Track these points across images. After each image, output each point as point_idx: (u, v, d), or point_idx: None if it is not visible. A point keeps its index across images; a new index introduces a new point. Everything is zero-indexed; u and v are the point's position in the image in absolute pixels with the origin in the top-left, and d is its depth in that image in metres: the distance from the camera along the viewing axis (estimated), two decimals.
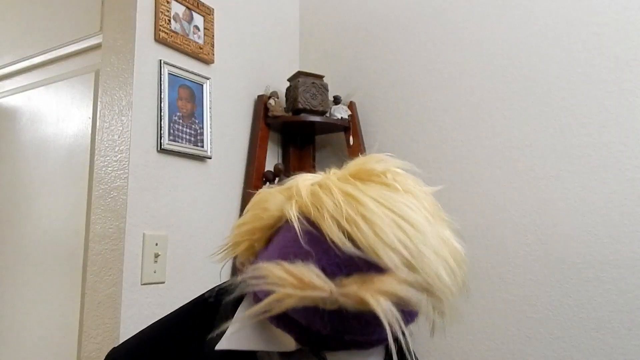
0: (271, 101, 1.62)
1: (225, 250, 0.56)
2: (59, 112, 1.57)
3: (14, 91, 1.76)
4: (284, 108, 1.66)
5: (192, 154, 1.35)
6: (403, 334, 0.43)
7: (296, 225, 0.46)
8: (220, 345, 0.51)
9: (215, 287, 0.62)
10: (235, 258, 0.57)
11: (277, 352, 0.51)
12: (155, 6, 1.29)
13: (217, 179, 1.44)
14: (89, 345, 1.19)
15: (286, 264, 0.44)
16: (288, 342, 0.49)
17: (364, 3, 1.80)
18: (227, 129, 1.51)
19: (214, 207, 1.42)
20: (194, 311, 0.59)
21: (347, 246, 0.43)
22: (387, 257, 0.43)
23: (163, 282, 1.24)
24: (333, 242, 0.44)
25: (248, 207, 0.55)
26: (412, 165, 0.53)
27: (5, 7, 1.83)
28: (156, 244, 1.23)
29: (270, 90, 1.66)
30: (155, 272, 1.22)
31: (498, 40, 1.50)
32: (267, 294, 0.44)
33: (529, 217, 1.39)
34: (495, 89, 1.49)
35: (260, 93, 1.66)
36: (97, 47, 1.44)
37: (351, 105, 1.71)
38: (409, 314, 0.47)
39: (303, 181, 0.51)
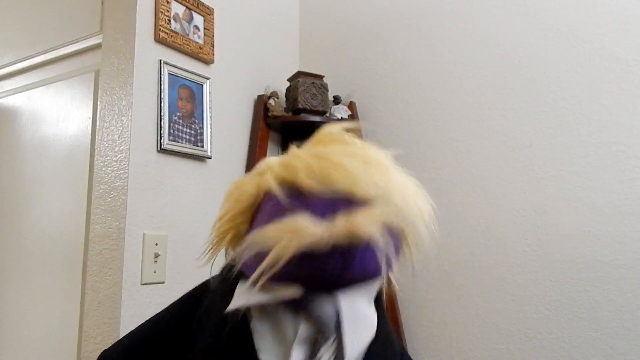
0: (271, 101, 1.62)
1: (212, 247, 0.58)
2: (59, 112, 1.57)
3: (14, 91, 1.76)
4: (284, 108, 1.66)
5: (192, 154, 1.35)
6: (389, 261, 0.49)
7: (275, 189, 0.50)
8: (232, 306, 0.52)
9: (200, 284, 0.63)
10: (225, 255, 0.59)
11: (280, 308, 0.53)
12: (155, 6, 1.29)
13: (217, 179, 1.44)
14: (89, 345, 1.19)
15: (276, 223, 0.48)
16: (293, 291, 0.51)
17: (363, 3, 1.80)
18: (227, 129, 1.51)
19: (214, 207, 1.42)
20: (182, 308, 0.61)
21: (326, 190, 0.48)
22: (364, 191, 0.48)
23: (163, 282, 1.24)
24: (312, 191, 0.48)
25: (225, 197, 0.57)
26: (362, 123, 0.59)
27: (6, 7, 1.83)
28: (156, 244, 1.23)
29: (270, 90, 1.66)
30: (155, 272, 1.22)
31: (498, 40, 1.50)
32: (260, 260, 0.47)
33: (529, 217, 1.39)
34: (496, 89, 1.49)
35: (260, 93, 1.66)
36: (97, 47, 1.44)
37: (351, 105, 1.71)
38: (391, 247, 0.51)
39: (270, 159, 0.55)
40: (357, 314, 0.53)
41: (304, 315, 0.52)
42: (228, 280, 0.57)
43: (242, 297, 0.53)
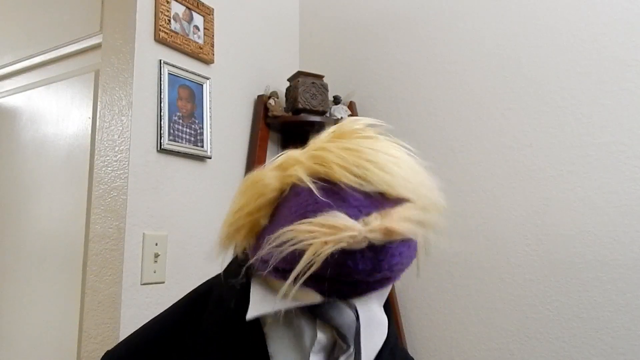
0: (271, 101, 1.62)
1: (226, 240, 0.56)
2: (59, 112, 1.57)
3: (14, 91, 1.76)
4: (284, 108, 1.66)
5: (192, 154, 1.35)
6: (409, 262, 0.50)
7: (310, 184, 0.49)
8: (251, 314, 0.51)
9: (206, 282, 0.62)
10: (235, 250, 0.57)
11: (299, 312, 0.52)
12: (155, 6, 1.29)
13: (217, 179, 1.44)
14: (89, 345, 1.19)
15: (310, 219, 0.46)
16: (313, 297, 0.50)
17: (363, 3, 1.80)
18: (227, 129, 1.51)
19: (214, 207, 1.42)
20: (188, 308, 0.60)
21: (365, 186, 0.48)
22: (398, 190, 0.48)
23: (163, 282, 1.24)
24: (350, 187, 0.48)
25: (241, 191, 0.55)
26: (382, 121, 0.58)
27: (6, 7, 1.83)
28: (156, 244, 1.23)
29: (270, 90, 1.66)
30: (155, 272, 1.22)
31: (498, 40, 1.50)
32: (292, 258, 0.46)
33: (529, 217, 1.39)
34: (496, 89, 1.49)
35: (260, 93, 1.66)
36: (97, 47, 1.43)
37: (351, 105, 1.71)
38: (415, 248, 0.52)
39: (294, 153, 0.54)
40: (372, 320, 0.53)
41: (322, 322, 0.51)
42: (237, 277, 0.56)
43: (262, 302, 0.51)
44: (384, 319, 0.56)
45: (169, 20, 1.32)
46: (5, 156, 1.73)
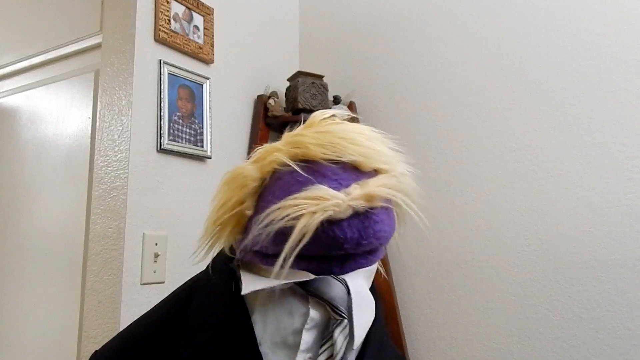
0: (271, 101, 1.62)
1: (212, 237, 0.57)
2: (59, 112, 1.57)
3: (14, 91, 1.76)
4: (284, 108, 1.66)
5: (192, 154, 1.35)
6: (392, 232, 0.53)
7: (290, 163, 0.51)
8: (247, 289, 0.52)
9: (190, 279, 0.63)
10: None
11: (288, 290, 0.52)
12: (155, 6, 1.29)
13: (217, 179, 1.43)
14: (89, 345, 1.19)
15: (295, 195, 0.49)
16: (304, 275, 0.51)
17: (363, 3, 1.80)
18: (227, 128, 1.51)
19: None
20: (174, 305, 0.60)
21: (342, 159, 0.51)
22: (374, 160, 0.53)
23: (163, 282, 1.24)
24: (327, 163, 0.51)
25: (221, 187, 0.57)
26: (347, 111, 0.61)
27: (5, 7, 1.83)
28: (156, 244, 1.23)
29: (270, 90, 1.66)
30: (155, 272, 1.22)
31: (498, 40, 1.50)
32: (282, 241, 0.47)
33: (529, 217, 1.39)
34: (496, 89, 1.49)
35: (260, 93, 1.66)
36: (97, 47, 1.43)
37: (351, 105, 1.71)
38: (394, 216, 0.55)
39: (270, 145, 0.56)
40: (362, 296, 0.54)
41: (314, 299, 0.52)
42: (223, 272, 0.56)
43: (255, 282, 0.52)
44: (371, 298, 0.58)
45: (169, 20, 1.32)
46: (5, 156, 1.73)
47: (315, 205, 0.47)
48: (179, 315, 0.57)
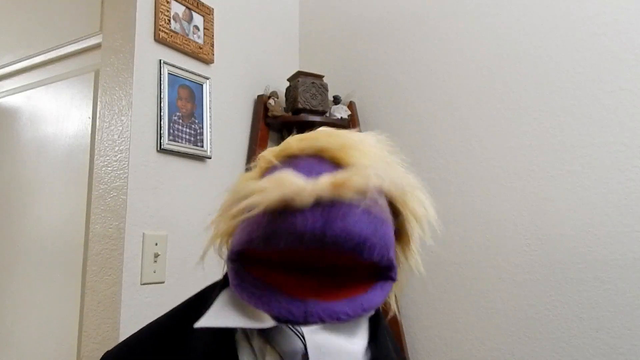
0: (271, 101, 1.62)
1: (217, 238, 0.57)
2: (59, 112, 1.57)
3: (14, 91, 1.76)
4: (284, 108, 1.66)
5: (192, 154, 1.35)
6: (376, 228, 0.46)
7: (269, 156, 0.53)
8: (199, 324, 0.49)
9: (206, 287, 0.63)
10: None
11: (255, 332, 0.51)
12: (155, 6, 1.29)
13: (217, 179, 1.44)
14: (89, 345, 1.19)
15: (261, 180, 0.49)
16: (266, 319, 0.48)
17: (363, 3, 1.80)
18: (227, 129, 1.51)
19: (214, 207, 1.41)
20: (185, 310, 0.60)
21: (314, 151, 0.50)
22: (352, 157, 0.49)
23: (163, 282, 1.24)
24: (309, 155, 0.50)
25: (227, 194, 0.56)
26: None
27: (6, 7, 1.83)
28: (156, 244, 1.23)
29: (270, 90, 1.66)
30: (154, 272, 1.22)
31: (498, 40, 1.50)
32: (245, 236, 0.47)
33: (529, 217, 1.39)
34: (495, 89, 1.49)
35: (260, 93, 1.66)
36: (97, 47, 1.43)
37: (351, 105, 1.71)
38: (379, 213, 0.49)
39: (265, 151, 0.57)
40: (328, 349, 0.49)
41: (272, 345, 0.50)
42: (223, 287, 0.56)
43: (219, 312, 0.51)
44: (352, 349, 0.51)
45: (169, 20, 1.32)
46: (5, 156, 1.73)
47: (274, 187, 0.45)
48: (187, 324, 0.56)
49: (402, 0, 1.71)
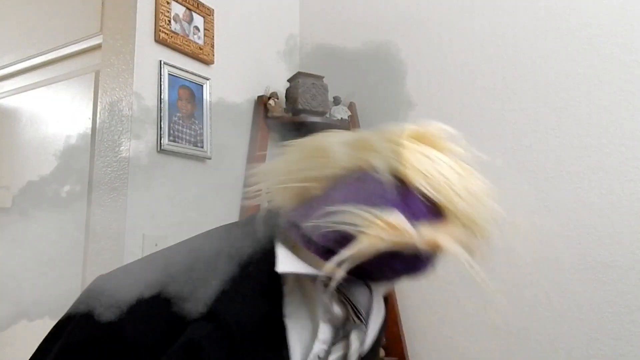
0: (271, 102, 1.62)
1: (271, 193, 0.55)
2: (59, 112, 1.57)
3: (14, 91, 1.76)
4: (284, 109, 1.66)
5: (192, 155, 1.35)
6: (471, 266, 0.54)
7: (386, 178, 0.49)
8: (282, 268, 0.50)
9: (246, 218, 0.60)
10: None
11: (321, 283, 0.52)
12: (156, 7, 1.29)
13: (217, 179, 1.44)
14: None
15: (373, 210, 0.47)
16: (342, 274, 0.49)
17: (363, 3, 1.80)
18: (227, 129, 1.51)
19: (214, 207, 1.42)
20: (200, 241, 0.58)
21: (433, 195, 0.49)
22: (459, 208, 0.52)
23: None
24: (419, 191, 0.49)
25: (302, 152, 0.54)
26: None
27: (6, 8, 1.83)
28: (156, 244, 1.23)
29: (270, 91, 1.66)
30: None
31: (498, 41, 1.50)
32: (338, 240, 0.47)
33: (529, 217, 1.39)
34: (496, 90, 1.49)
35: (260, 94, 1.66)
36: (97, 47, 1.44)
37: (351, 106, 1.71)
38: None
39: (369, 136, 0.54)
40: (379, 304, 0.57)
41: (339, 296, 0.53)
42: (268, 236, 0.54)
43: (292, 262, 0.51)
44: (383, 304, 0.61)
45: (169, 21, 1.32)
46: (5, 156, 1.73)
47: (386, 232, 0.47)
48: (208, 263, 0.53)
49: (402, 1, 1.71)
